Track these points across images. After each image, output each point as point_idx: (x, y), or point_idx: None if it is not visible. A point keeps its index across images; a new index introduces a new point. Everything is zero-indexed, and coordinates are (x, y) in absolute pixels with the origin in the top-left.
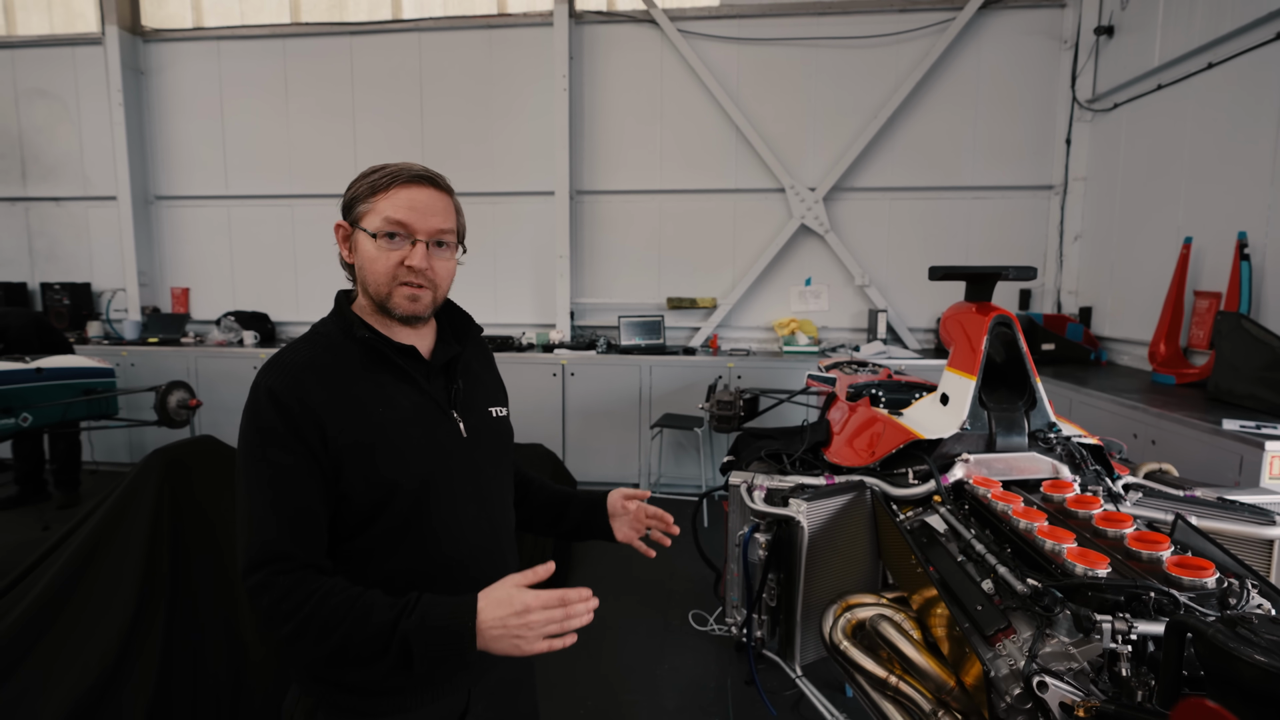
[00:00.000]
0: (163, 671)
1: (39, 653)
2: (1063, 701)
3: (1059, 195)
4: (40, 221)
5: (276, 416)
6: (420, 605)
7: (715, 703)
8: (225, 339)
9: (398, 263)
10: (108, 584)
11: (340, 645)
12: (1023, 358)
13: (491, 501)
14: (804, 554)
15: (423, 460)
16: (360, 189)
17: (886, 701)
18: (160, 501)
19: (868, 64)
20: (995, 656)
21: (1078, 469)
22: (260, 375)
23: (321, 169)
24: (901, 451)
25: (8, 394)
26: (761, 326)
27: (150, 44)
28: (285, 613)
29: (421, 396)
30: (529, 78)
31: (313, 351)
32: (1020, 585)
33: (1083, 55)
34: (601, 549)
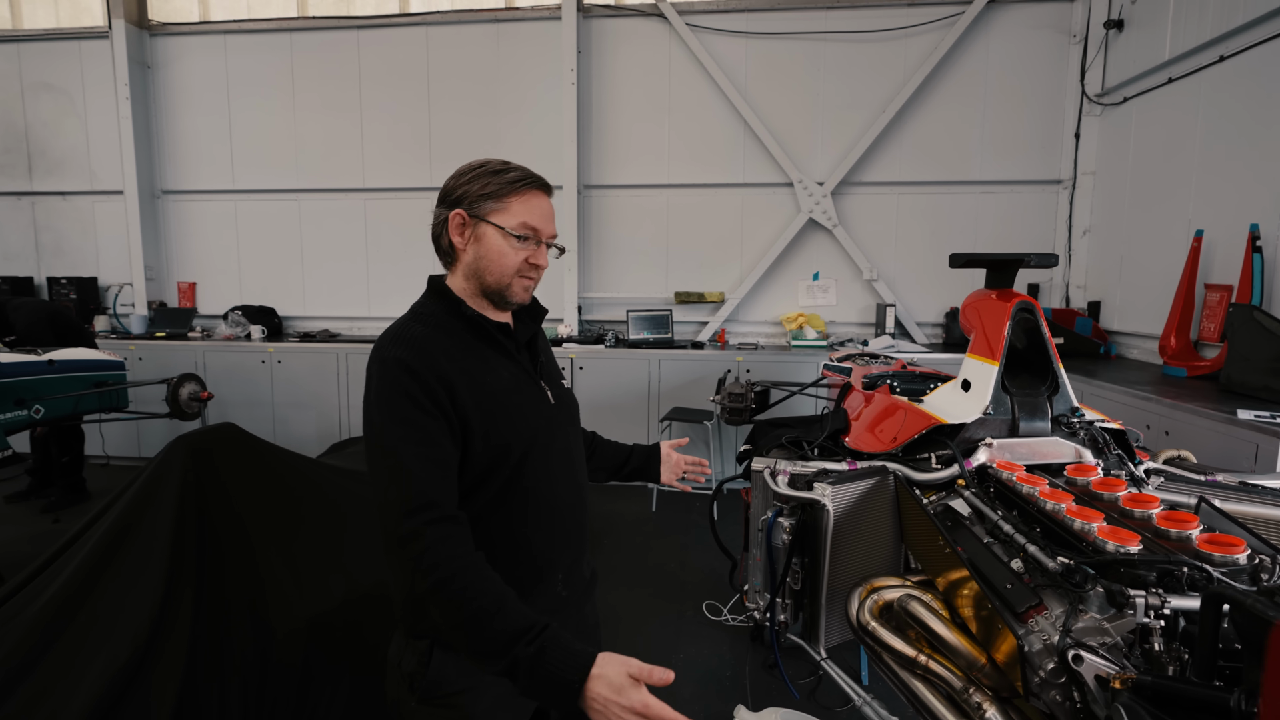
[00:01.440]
0: (192, 651)
1: (72, 632)
2: (1098, 674)
3: (1067, 190)
4: (47, 216)
5: (413, 383)
6: (542, 638)
7: (731, 691)
8: (233, 333)
9: (524, 259)
10: (136, 567)
11: (462, 624)
12: (1045, 343)
13: (575, 461)
14: (829, 537)
15: (527, 425)
16: (490, 187)
17: (916, 680)
18: (185, 487)
19: (876, 58)
20: (1028, 633)
21: (1100, 454)
22: (385, 350)
23: (328, 163)
24: (923, 437)
25: (20, 386)
26: (769, 321)
27: (157, 38)
28: (429, 565)
29: (518, 368)
30: (537, 72)
31: (426, 328)
32: (1051, 563)
33: (1092, 49)
34: (614, 542)
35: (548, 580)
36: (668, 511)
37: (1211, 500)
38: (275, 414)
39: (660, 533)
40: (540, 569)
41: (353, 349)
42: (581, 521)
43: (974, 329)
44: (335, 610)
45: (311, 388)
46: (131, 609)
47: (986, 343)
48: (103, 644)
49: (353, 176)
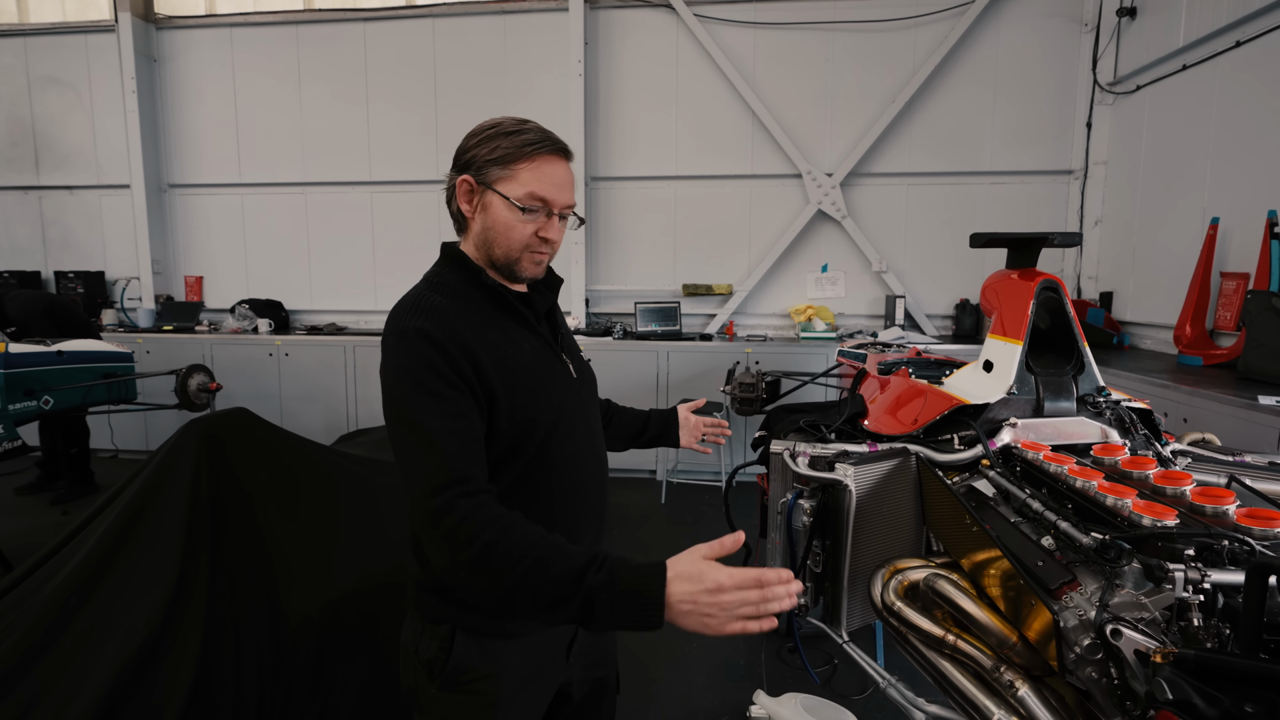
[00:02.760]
0: (207, 633)
1: (86, 614)
2: (1138, 649)
3: (1079, 180)
4: (54, 210)
5: (435, 354)
6: (609, 564)
7: (746, 679)
8: (240, 326)
9: (534, 233)
10: (150, 549)
11: (522, 582)
12: (1070, 323)
13: (596, 434)
14: (851, 519)
15: (551, 398)
16: (499, 151)
17: (944, 661)
18: (199, 470)
19: (885, 47)
20: (1062, 609)
21: (1127, 434)
22: (403, 320)
23: (335, 157)
24: (944, 419)
25: (29, 376)
26: (778, 313)
27: (163, 31)
28: (468, 536)
29: (540, 341)
30: (543, 64)
31: (445, 298)
32: (1085, 538)
33: (1104, 37)
34: (624, 532)
35: None
36: (678, 502)
37: (1243, 479)
38: (283, 407)
39: (670, 523)
40: None
41: (360, 342)
42: (603, 496)
43: (995, 309)
44: (347, 597)
45: (319, 380)
46: (146, 592)
47: (1009, 322)
48: (117, 626)
49: (359, 170)
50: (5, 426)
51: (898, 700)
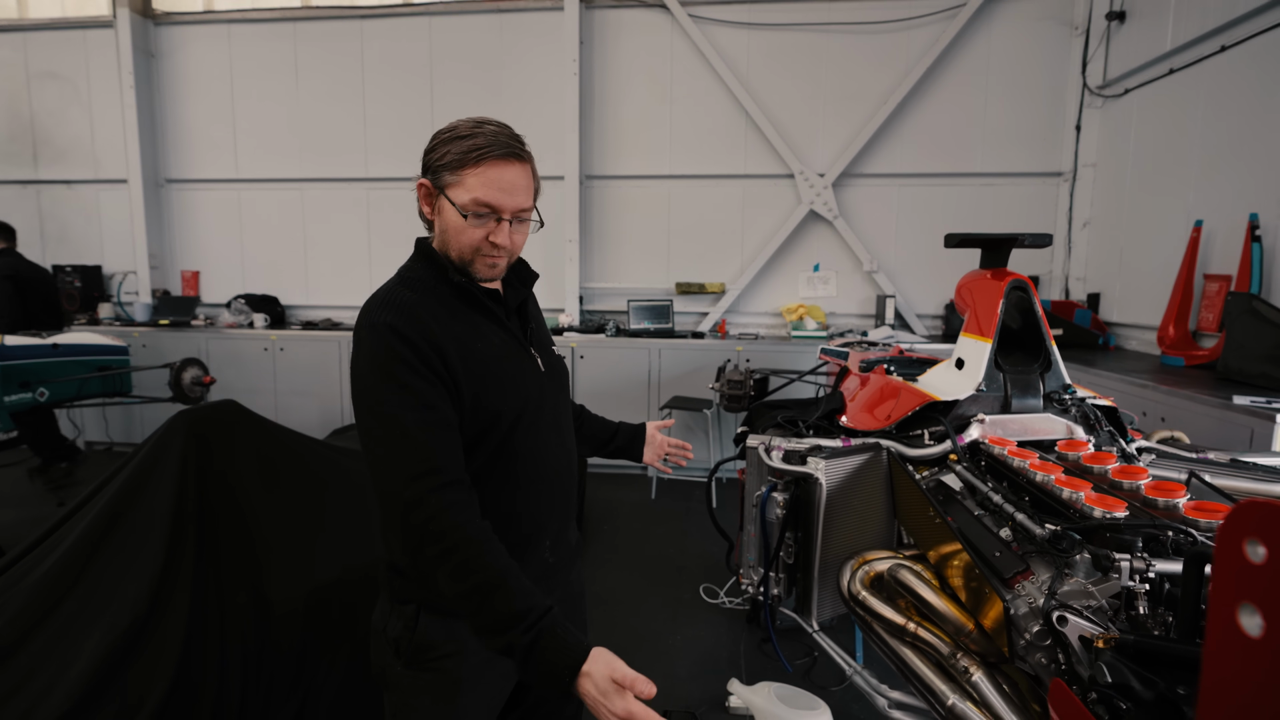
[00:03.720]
0: (191, 620)
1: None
2: (1082, 635)
3: (1068, 182)
4: (52, 204)
5: (405, 348)
6: (538, 626)
7: (727, 670)
8: (235, 321)
9: (483, 237)
10: (136, 537)
11: (464, 596)
12: (1038, 322)
13: (564, 429)
14: (822, 511)
15: (517, 392)
16: (449, 156)
17: (905, 648)
18: (186, 460)
19: (878, 50)
20: (1015, 597)
21: (1092, 430)
22: (373, 315)
23: (331, 153)
24: (917, 415)
25: (25, 369)
26: (770, 312)
27: (161, 27)
28: (434, 534)
29: (507, 335)
30: (539, 63)
31: (414, 293)
32: (1039, 530)
33: (1094, 41)
34: (614, 527)
35: (535, 547)
36: (667, 498)
37: (1202, 475)
38: (278, 401)
39: (659, 519)
40: (528, 535)
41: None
42: (569, 488)
43: (968, 308)
44: (331, 586)
45: (313, 375)
46: (132, 578)
47: (979, 321)
48: (103, 612)
49: (356, 166)
50: (1, 418)
51: (863, 687)
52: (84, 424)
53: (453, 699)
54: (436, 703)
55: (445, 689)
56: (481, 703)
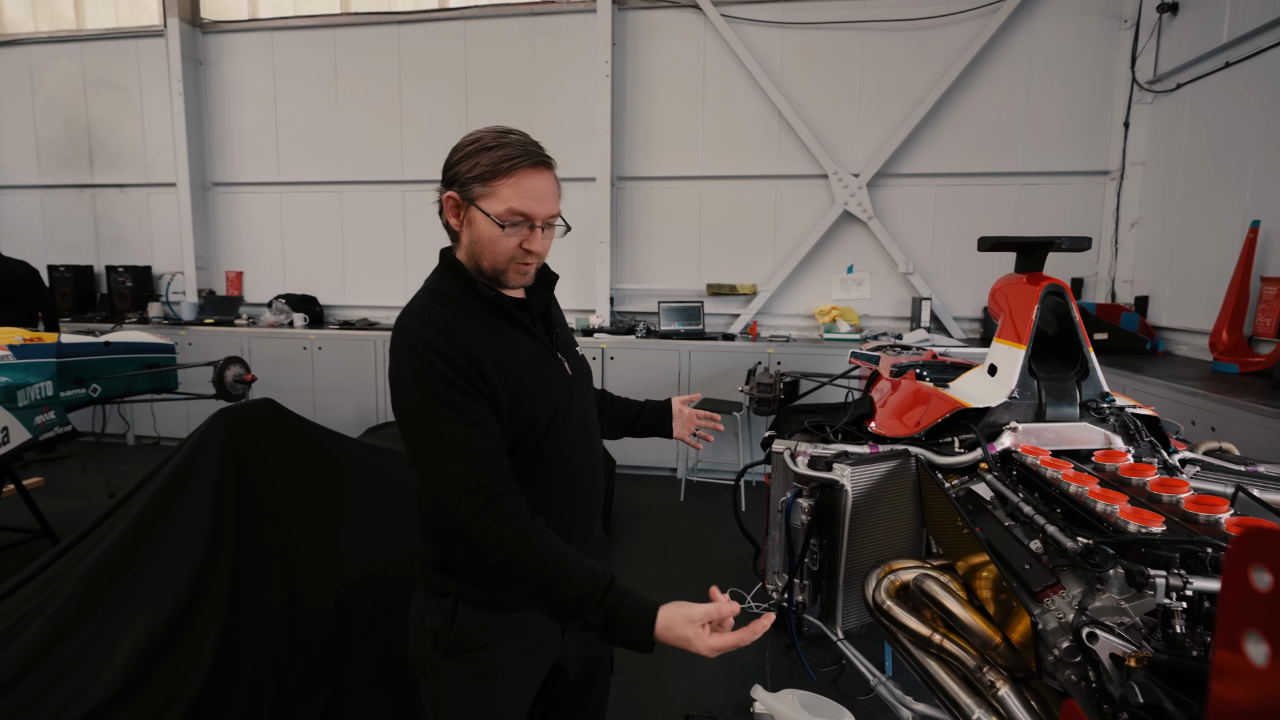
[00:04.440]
0: (230, 607)
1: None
2: (1114, 653)
3: (1115, 181)
4: (105, 207)
5: (447, 366)
6: (606, 602)
7: (753, 674)
8: (276, 320)
9: (517, 245)
10: (179, 528)
11: (534, 591)
12: (1075, 328)
13: (591, 426)
14: (847, 518)
15: (550, 396)
16: (479, 168)
17: (930, 659)
18: (226, 456)
19: (915, 47)
20: (1044, 611)
21: (1131, 440)
22: (411, 334)
23: (369, 156)
24: (947, 421)
25: (79, 366)
26: (802, 314)
27: (208, 35)
28: (493, 545)
29: (535, 342)
30: (572, 65)
31: (447, 308)
32: (1070, 543)
33: (1144, 34)
34: (641, 528)
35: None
36: (696, 500)
37: (1250, 490)
38: (315, 399)
39: (687, 521)
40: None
41: (389, 337)
42: (597, 487)
43: (1002, 313)
44: (362, 582)
45: (350, 374)
46: (174, 569)
47: (1014, 326)
48: (148, 599)
49: (392, 169)
50: (57, 412)
51: (886, 698)
52: (133, 419)
53: (489, 689)
54: (473, 692)
55: (482, 679)
56: (516, 693)
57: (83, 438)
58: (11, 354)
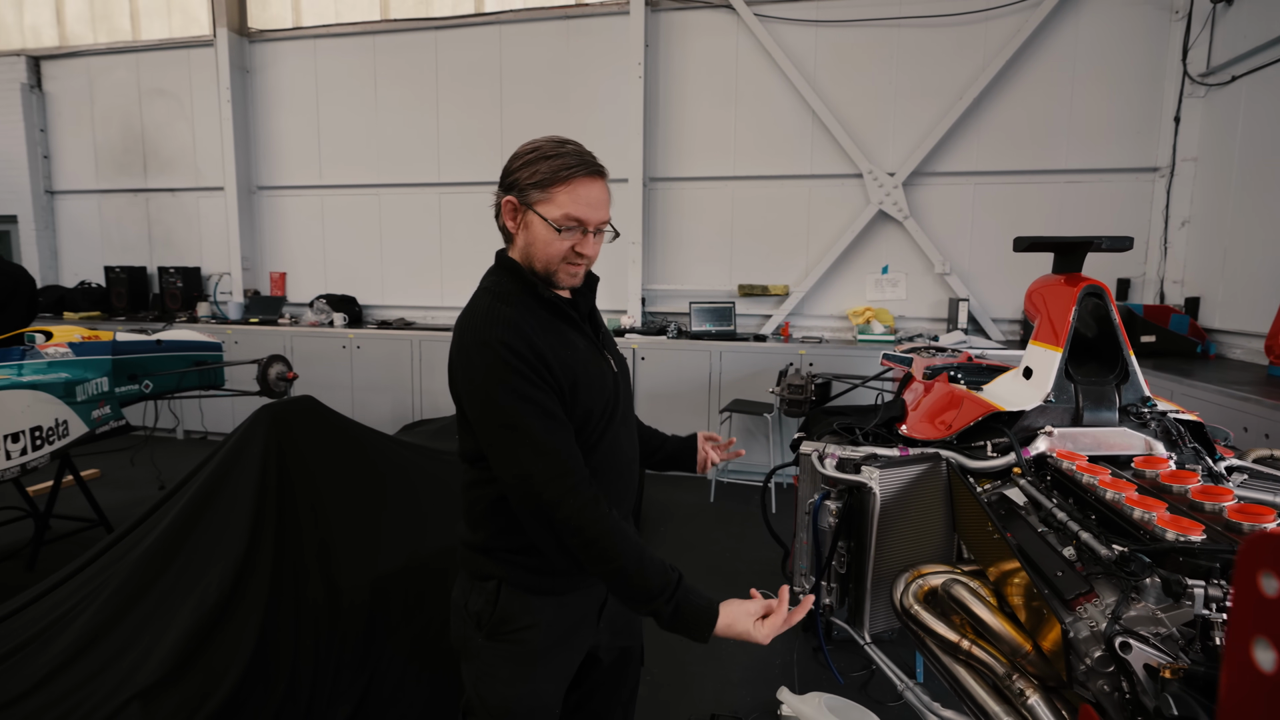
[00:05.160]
0: (271, 598)
1: (168, 575)
2: (1148, 664)
3: (1164, 178)
4: (158, 210)
5: (520, 362)
6: (675, 596)
7: (780, 678)
8: (317, 320)
9: (569, 248)
10: (224, 519)
11: (607, 575)
12: (1115, 330)
13: (631, 423)
14: (875, 521)
15: (601, 391)
16: (538, 175)
17: (959, 666)
18: (268, 450)
19: (953, 43)
20: (1076, 620)
21: (1174, 447)
22: (482, 331)
23: (406, 159)
24: (980, 425)
25: (133, 363)
26: (836, 315)
27: (255, 44)
28: (575, 529)
29: (587, 341)
30: (604, 67)
31: (511, 308)
32: (1105, 550)
33: (1196, 25)
34: (671, 528)
35: None
36: (726, 502)
37: None
38: (354, 396)
39: (717, 522)
40: None
41: (426, 336)
42: (634, 478)
43: (1039, 315)
44: (397, 574)
45: (387, 372)
46: (218, 558)
47: (1050, 328)
48: (194, 587)
49: (428, 171)
50: (112, 407)
51: (914, 704)
52: (182, 414)
53: (530, 669)
54: (514, 672)
55: (523, 659)
56: (555, 675)
57: (135, 432)
58: (71, 351)
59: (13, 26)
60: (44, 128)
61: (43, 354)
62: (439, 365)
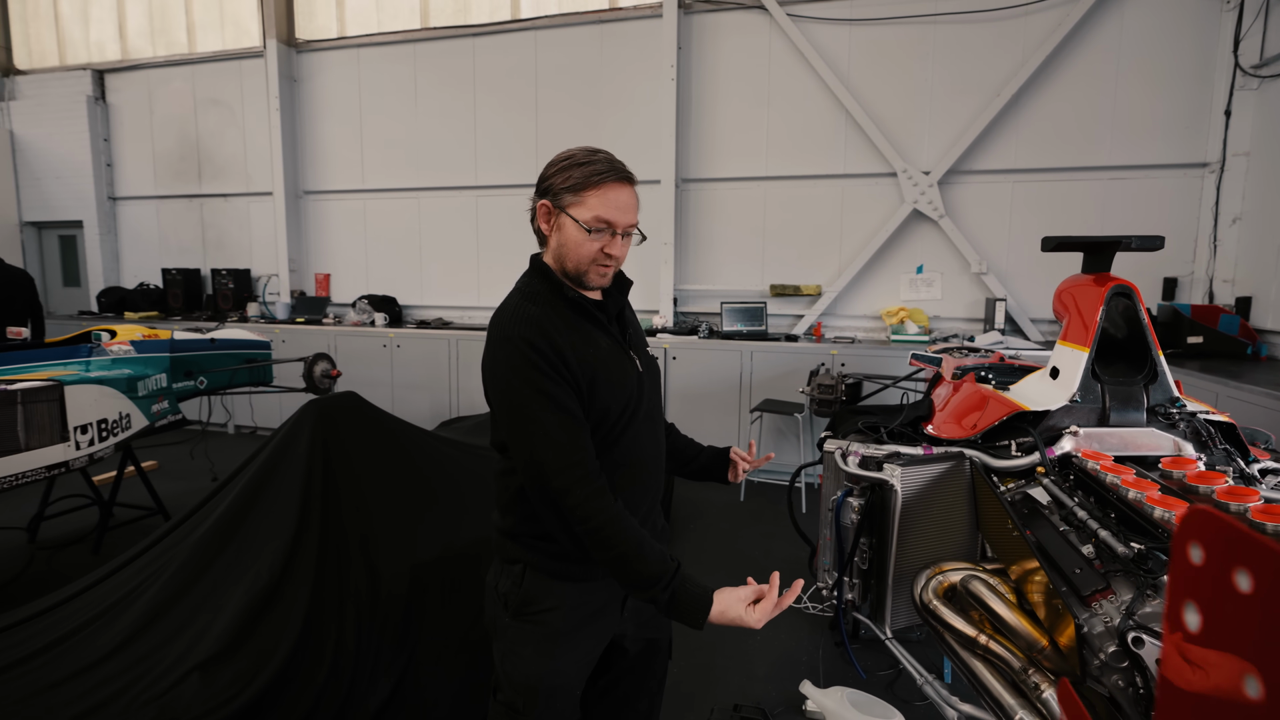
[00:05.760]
0: (317, 580)
1: (223, 558)
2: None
3: (1214, 173)
4: (212, 215)
5: (539, 358)
6: (673, 584)
7: (805, 671)
8: (359, 320)
9: (599, 249)
10: (274, 507)
11: (610, 562)
12: (1144, 331)
13: (658, 420)
14: (896, 518)
15: (622, 389)
16: (571, 180)
17: (976, 660)
18: (314, 443)
19: (991, 38)
20: (1091, 615)
21: (1204, 448)
22: (506, 328)
23: (445, 163)
24: (1006, 425)
25: (189, 360)
26: (869, 315)
27: (302, 54)
28: (581, 517)
29: (611, 340)
30: (637, 69)
31: (538, 307)
32: (1123, 548)
33: (1249, 15)
34: (701, 526)
35: None
36: (757, 500)
37: None
38: (394, 394)
39: (747, 520)
40: None
41: (463, 335)
42: (658, 474)
43: (1067, 314)
44: (434, 563)
45: (426, 370)
46: (269, 542)
47: (1077, 328)
48: (246, 570)
49: (466, 175)
50: (170, 402)
51: (932, 697)
52: (234, 409)
53: (551, 649)
54: (537, 651)
55: (545, 640)
56: (576, 656)
57: (191, 426)
58: (133, 349)
59: (80, 42)
60: (107, 137)
61: (108, 351)
62: (475, 364)
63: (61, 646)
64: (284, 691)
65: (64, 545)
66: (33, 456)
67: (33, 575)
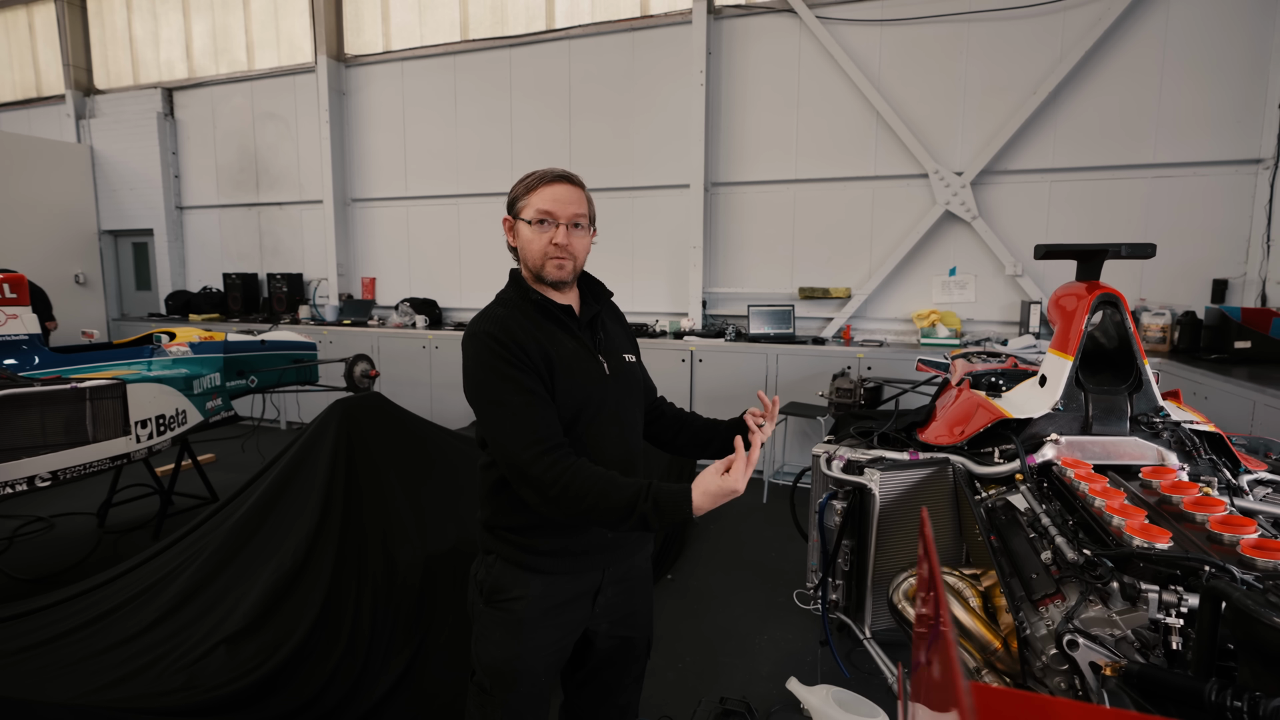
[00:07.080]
0: (336, 565)
1: (254, 543)
2: (1092, 661)
3: (1269, 169)
4: (268, 222)
5: (501, 348)
6: (651, 494)
7: (809, 674)
8: (402, 322)
9: (548, 241)
10: (300, 498)
11: (592, 507)
12: (1130, 339)
13: (625, 425)
14: (875, 521)
15: (581, 390)
16: (518, 190)
17: None
18: (338, 440)
19: (1027, 35)
20: (1039, 619)
21: (1189, 458)
22: (476, 327)
23: (482, 170)
24: (993, 432)
25: (241, 360)
26: (900, 318)
27: (350, 68)
28: (549, 482)
29: (577, 343)
30: (668, 75)
31: (505, 310)
32: (1074, 554)
33: None
34: (720, 527)
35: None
36: (779, 503)
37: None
38: (432, 393)
39: (767, 522)
40: None
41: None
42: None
43: (1055, 322)
44: (445, 555)
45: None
46: (295, 530)
47: (1063, 336)
48: (273, 554)
49: (502, 181)
50: (223, 399)
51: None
52: (283, 407)
53: (516, 635)
54: (504, 636)
55: (511, 626)
56: (539, 645)
57: (244, 421)
58: (190, 350)
59: (151, 63)
60: (175, 150)
61: (168, 353)
62: None
63: (108, 619)
64: (301, 666)
65: (129, 530)
66: (99, 448)
67: (99, 557)
